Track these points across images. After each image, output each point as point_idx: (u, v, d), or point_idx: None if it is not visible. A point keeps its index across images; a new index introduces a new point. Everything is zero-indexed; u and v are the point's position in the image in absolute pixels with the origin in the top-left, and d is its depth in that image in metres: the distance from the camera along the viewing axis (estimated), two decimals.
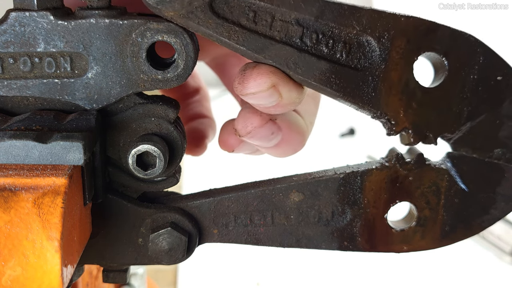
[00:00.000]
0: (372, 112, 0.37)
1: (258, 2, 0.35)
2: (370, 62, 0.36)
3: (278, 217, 0.40)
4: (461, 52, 0.37)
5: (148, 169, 0.36)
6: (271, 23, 0.35)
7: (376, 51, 0.36)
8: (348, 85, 0.36)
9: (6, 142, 0.32)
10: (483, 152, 0.38)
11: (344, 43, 0.36)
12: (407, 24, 0.36)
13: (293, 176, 0.41)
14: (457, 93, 0.37)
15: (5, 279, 0.29)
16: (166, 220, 0.39)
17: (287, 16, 0.35)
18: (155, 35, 0.34)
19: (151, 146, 0.36)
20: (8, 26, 0.34)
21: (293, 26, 0.35)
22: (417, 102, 0.37)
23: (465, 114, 0.37)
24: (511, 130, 0.38)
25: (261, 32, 0.35)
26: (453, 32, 0.36)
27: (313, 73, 0.36)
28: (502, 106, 0.38)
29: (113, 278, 0.42)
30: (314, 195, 0.40)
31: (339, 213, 0.40)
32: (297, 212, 0.40)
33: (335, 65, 0.36)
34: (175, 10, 0.34)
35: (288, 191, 0.40)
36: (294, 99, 0.37)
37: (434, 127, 0.38)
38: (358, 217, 0.40)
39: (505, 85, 0.37)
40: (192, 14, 0.34)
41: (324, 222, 0.40)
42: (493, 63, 0.37)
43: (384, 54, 0.36)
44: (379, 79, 0.37)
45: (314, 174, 0.40)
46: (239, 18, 0.35)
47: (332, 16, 0.35)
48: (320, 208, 0.40)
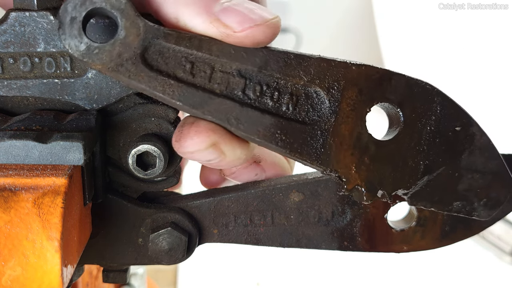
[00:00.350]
0: (321, 169, 0.35)
1: (195, 53, 0.32)
2: (319, 115, 0.34)
3: (278, 217, 0.40)
4: (417, 102, 0.34)
5: (148, 169, 0.36)
6: (211, 75, 0.33)
7: (325, 103, 0.34)
8: (295, 140, 0.34)
9: (6, 142, 0.32)
10: (442, 205, 0.36)
11: (291, 95, 0.34)
12: (359, 73, 0.33)
13: (293, 176, 0.41)
14: (413, 146, 0.35)
15: (5, 279, 0.29)
16: (166, 220, 0.39)
17: (228, 67, 0.33)
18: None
19: (151, 146, 0.36)
20: (8, 26, 0.34)
21: (235, 77, 0.33)
22: (370, 157, 0.35)
23: (422, 168, 0.35)
24: (470, 183, 0.36)
25: (200, 85, 0.33)
26: (408, 81, 0.34)
27: (256, 129, 0.33)
28: (461, 157, 0.35)
29: (113, 278, 0.42)
30: (314, 195, 0.40)
31: (339, 213, 0.40)
32: (297, 212, 0.40)
33: (280, 119, 0.33)
34: (103, 63, 0.31)
35: (288, 191, 0.40)
36: (239, 156, 0.35)
37: (388, 183, 0.35)
38: (358, 217, 0.40)
39: (464, 136, 0.35)
40: (122, 67, 0.31)
41: (324, 222, 0.40)
42: (451, 113, 0.35)
43: (334, 106, 0.34)
44: (328, 133, 0.34)
45: (314, 174, 0.40)
46: (175, 70, 0.32)
47: (277, 66, 0.33)
48: (320, 208, 0.40)
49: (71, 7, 0.30)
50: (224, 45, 0.32)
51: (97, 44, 0.30)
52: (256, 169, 0.40)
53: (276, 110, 0.34)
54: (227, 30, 0.32)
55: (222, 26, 0.32)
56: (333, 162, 0.34)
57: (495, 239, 1.05)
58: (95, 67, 0.31)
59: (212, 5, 0.32)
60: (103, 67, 0.31)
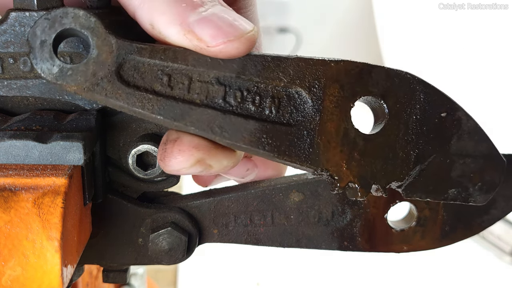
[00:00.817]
0: (312, 169, 0.34)
1: (171, 64, 0.32)
2: (303, 115, 0.33)
3: (278, 217, 0.40)
4: (400, 92, 0.34)
5: (148, 169, 0.36)
6: (189, 85, 0.32)
7: (308, 103, 0.33)
8: (281, 143, 0.33)
9: (6, 142, 0.32)
10: (437, 194, 0.36)
11: (272, 98, 0.33)
12: (338, 69, 0.33)
13: (293, 176, 0.41)
14: (401, 136, 0.34)
15: (5, 279, 0.29)
16: (166, 220, 0.39)
17: (206, 76, 0.32)
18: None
19: (151, 146, 0.36)
20: (8, 26, 0.34)
21: (214, 86, 0.32)
22: (359, 152, 0.34)
23: (413, 158, 0.35)
24: (463, 168, 0.35)
25: (179, 97, 0.32)
26: (388, 72, 0.34)
27: (241, 135, 0.33)
28: (450, 143, 0.35)
29: (113, 278, 0.42)
30: (314, 195, 0.40)
31: (339, 213, 0.40)
32: (297, 212, 0.40)
33: (265, 123, 0.33)
34: (78, 84, 0.30)
35: (288, 191, 0.40)
36: (226, 165, 0.35)
37: (381, 176, 0.35)
38: (358, 217, 0.40)
39: (450, 121, 0.35)
40: (98, 86, 0.30)
41: (324, 222, 0.40)
42: (435, 99, 0.34)
43: (317, 105, 0.33)
44: (315, 132, 0.33)
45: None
46: (152, 84, 0.32)
47: (256, 70, 0.33)
48: (320, 208, 0.40)
49: (39, 30, 0.29)
50: (200, 55, 0.32)
51: (69, 65, 0.30)
52: (247, 164, 0.40)
53: (259, 114, 0.33)
54: (201, 44, 0.31)
55: (195, 39, 0.31)
56: (322, 161, 0.34)
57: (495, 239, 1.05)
58: (70, 89, 0.30)
59: (188, 14, 0.31)
60: (79, 88, 0.30)
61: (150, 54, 0.31)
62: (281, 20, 1.70)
